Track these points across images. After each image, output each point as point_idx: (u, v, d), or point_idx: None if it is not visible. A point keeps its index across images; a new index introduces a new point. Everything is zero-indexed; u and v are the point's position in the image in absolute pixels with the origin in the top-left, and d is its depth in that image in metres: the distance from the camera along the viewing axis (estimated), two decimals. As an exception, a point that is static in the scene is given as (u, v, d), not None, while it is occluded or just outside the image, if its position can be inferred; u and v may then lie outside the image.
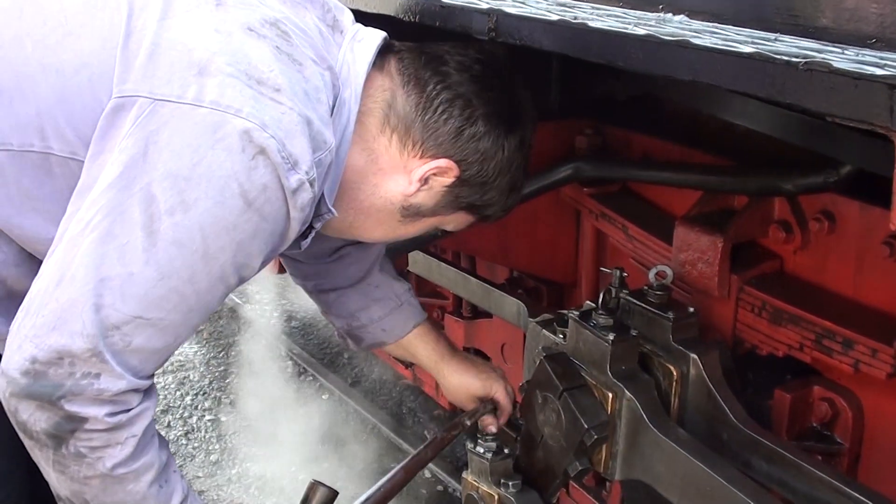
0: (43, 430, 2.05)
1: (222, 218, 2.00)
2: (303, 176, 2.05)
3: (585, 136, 3.27)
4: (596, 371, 2.55)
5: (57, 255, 2.02)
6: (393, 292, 3.00)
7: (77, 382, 2.00)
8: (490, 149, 2.35)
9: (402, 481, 2.99)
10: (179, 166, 1.96)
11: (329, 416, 5.82)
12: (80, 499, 2.18)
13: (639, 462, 2.52)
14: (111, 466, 2.10)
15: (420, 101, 2.30)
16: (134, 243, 1.97)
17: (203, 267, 2.03)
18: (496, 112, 2.33)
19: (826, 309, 2.57)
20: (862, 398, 2.65)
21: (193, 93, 1.99)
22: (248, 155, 1.98)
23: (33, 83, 2.10)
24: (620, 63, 1.87)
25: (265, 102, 2.01)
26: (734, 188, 2.75)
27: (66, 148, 2.10)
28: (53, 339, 1.97)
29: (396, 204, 2.39)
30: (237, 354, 6.54)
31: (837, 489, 2.23)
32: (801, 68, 1.50)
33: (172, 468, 2.28)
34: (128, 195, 1.97)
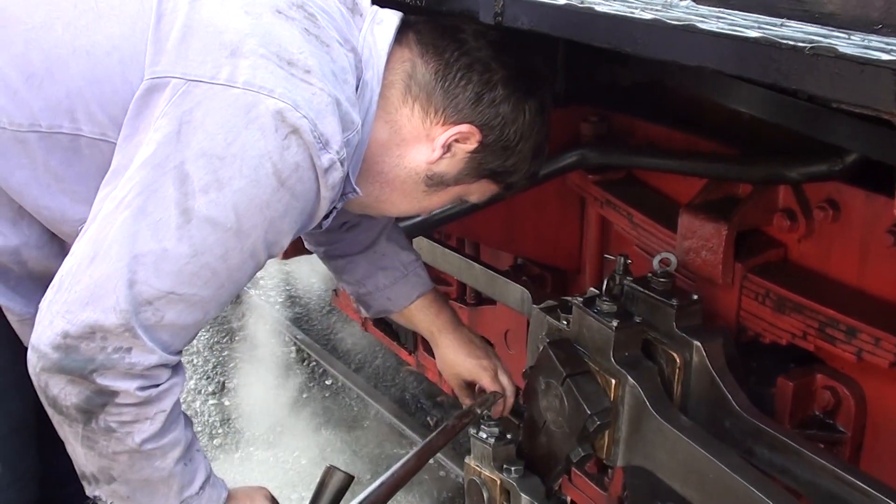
0: (74, 404, 2.08)
1: (255, 196, 2.04)
2: (334, 155, 2.09)
3: (590, 124, 3.26)
4: (599, 357, 2.56)
5: (91, 232, 2.05)
6: (399, 262, 3.02)
7: (109, 356, 2.03)
8: (510, 113, 2.37)
9: (415, 468, 3.02)
10: (213, 145, 2.00)
11: (332, 402, 5.83)
12: (107, 475, 2.22)
13: (641, 448, 2.52)
14: (140, 441, 2.14)
15: (439, 69, 2.32)
16: (168, 220, 2.01)
17: (235, 244, 2.07)
18: (515, 76, 2.35)
19: (830, 297, 2.57)
20: (864, 387, 2.65)
21: (226, 73, 2.02)
22: (280, 135, 2.01)
23: (64, 65, 2.13)
24: (627, 48, 1.86)
25: (296, 83, 2.04)
26: (739, 176, 2.74)
27: (97, 130, 2.13)
28: (86, 315, 2.00)
29: (421, 173, 2.41)
30: (241, 339, 6.56)
31: (839, 477, 2.23)
32: (807, 53, 1.50)
33: (196, 447, 2.32)
34: (161, 173, 2.00)
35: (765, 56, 1.59)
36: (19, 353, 2.32)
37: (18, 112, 2.13)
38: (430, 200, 2.52)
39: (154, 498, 2.27)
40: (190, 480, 2.29)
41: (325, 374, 6.14)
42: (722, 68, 1.68)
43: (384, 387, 6.04)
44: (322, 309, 7.01)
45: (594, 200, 3.33)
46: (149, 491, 2.25)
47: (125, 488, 2.24)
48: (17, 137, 2.15)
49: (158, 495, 2.27)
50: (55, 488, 2.78)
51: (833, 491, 2.25)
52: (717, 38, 1.67)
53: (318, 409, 5.71)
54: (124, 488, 2.24)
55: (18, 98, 2.13)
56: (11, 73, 2.13)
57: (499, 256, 4.03)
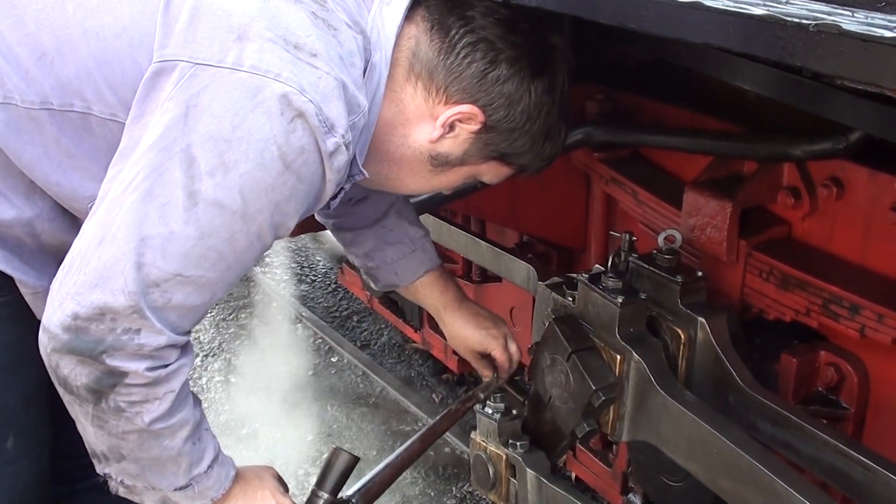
0: (84, 384, 2.10)
1: (261, 179, 2.04)
2: (339, 139, 2.09)
3: (596, 101, 3.27)
4: (604, 333, 2.57)
5: (99, 214, 2.06)
6: (407, 237, 3.03)
7: (118, 338, 2.05)
8: (515, 93, 2.33)
9: (420, 450, 3.06)
10: (220, 129, 2.00)
11: (338, 378, 5.85)
12: (117, 453, 2.24)
13: (646, 424, 2.54)
14: (149, 421, 2.16)
15: (443, 46, 2.30)
16: (175, 203, 2.02)
17: (242, 227, 2.08)
18: (522, 55, 2.32)
19: (833, 274, 2.58)
20: (868, 363, 2.67)
21: (233, 57, 2.03)
22: (286, 118, 2.02)
23: (74, 46, 2.14)
24: (633, 25, 1.87)
25: (303, 67, 2.05)
26: (744, 154, 2.75)
27: (106, 110, 2.15)
28: (95, 296, 2.02)
29: (425, 153, 2.41)
30: (247, 317, 6.57)
31: (842, 452, 2.25)
32: (812, 30, 1.51)
33: (205, 426, 2.34)
34: (168, 156, 2.01)
35: (770, 33, 1.60)
36: (32, 327, 2.34)
37: (30, 90, 2.15)
38: (438, 180, 2.51)
39: (163, 476, 2.29)
40: (199, 459, 2.31)
41: (331, 351, 6.16)
42: (727, 45, 1.69)
43: (390, 364, 6.05)
44: (328, 287, 7.02)
45: (600, 178, 3.34)
46: (158, 469, 2.28)
47: (134, 466, 2.27)
48: (30, 115, 2.17)
49: (167, 473, 2.29)
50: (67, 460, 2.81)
51: (836, 466, 2.27)
52: (722, 16, 1.67)
53: (324, 386, 5.72)
54: (133, 466, 2.27)
55: (30, 77, 2.15)
56: (23, 52, 2.15)
57: (504, 234, 4.05)
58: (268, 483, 2.56)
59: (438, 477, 4.94)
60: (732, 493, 2.28)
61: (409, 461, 3.05)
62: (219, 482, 2.38)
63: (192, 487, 2.33)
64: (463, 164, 2.46)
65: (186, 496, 2.34)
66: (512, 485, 2.86)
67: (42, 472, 2.67)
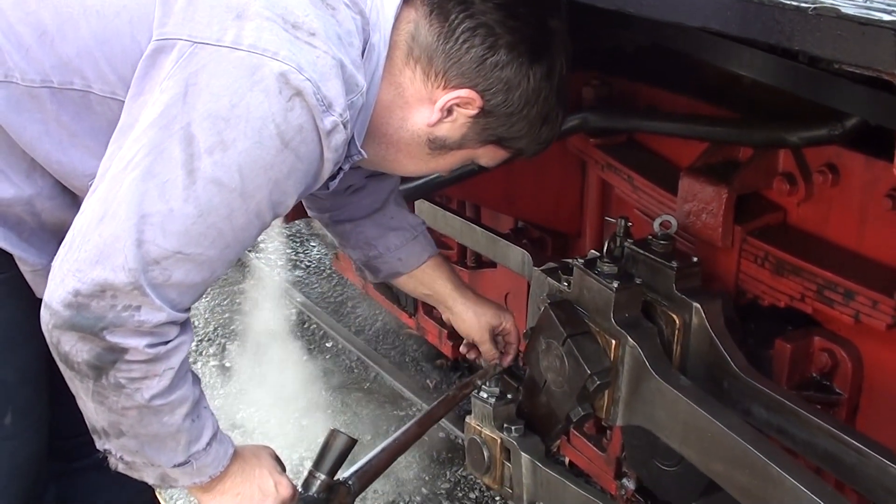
0: (85, 360, 2.12)
1: (260, 158, 2.05)
2: (337, 118, 2.10)
3: (592, 87, 3.28)
4: (599, 318, 2.58)
5: (99, 192, 2.07)
6: (408, 223, 3.04)
7: (118, 314, 2.06)
8: (514, 78, 2.33)
9: (416, 434, 3.07)
10: (218, 107, 2.01)
11: (332, 364, 5.86)
12: (116, 429, 2.25)
13: (640, 408, 2.55)
14: (149, 397, 2.17)
15: (442, 31, 2.29)
16: (174, 181, 2.03)
17: (241, 204, 2.09)
18: (521, 40, 2.31)
19: (828, 260, 2.59)
20: (862, 349, 2.68)
21: (232, 36, 2.03)
22: (284, 97, 2.03)
23: (74, 24, 2.15)
24: (631, 10, 1.88)
25: (301, 46, 2.05)
26: (739, 140, 2.76)
27: (107, 88, 2.16)
28: (96, 273, 2.03)
29: (423, 136, 2.40)
30: (242, 302, 6.57)
31: (835, 437, 2.26)
32: (810, 14, 1.51)
33: (203, 404, 2.35)
34: (168, 134, 2.02)
35: (768, 17, 1.60)
36: (31, 305, 2.36)
37: (31, 68, 2.16)
38: (436, 162, 2.51)
39: (162, 452, 2.31)
40: (197, 436, 2.32)
41: (326, 336, 6.16)
42: (725, 30, 1.70)
43: (384, 349, 6.06)
44: (322, 272, 7.02)
45: (595, 164, 3.35)
46: (157, 445, 2.29)
47: (134, 442, 2.28)
48: (31, 93, 2.17)
49: (166, 450, 2.30)
50: (66, 439, 2.82)
51: (829, 450, 2.29)
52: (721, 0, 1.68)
53: (319, 371, 5.72)
54: (133, 442, 2.28)
55: (31, 55, 2.16)
56: (24, 30, 2.16)
57: (499, 219, 4.05)
58: (265, 462, 2.58)
59: (433, 461, 4.95)
60: (726, 477, 2.29)
61: (405, 445, 3.06)
62: (217, 459, 2.39)
63: (191, 464, 2.34)
64: (461, 148, 2.46)
65: (185, 473, 2.36)
66: (506, 468, 2.87)
67: (40, 449, 2.68)
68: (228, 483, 2.47)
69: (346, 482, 2.82)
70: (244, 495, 2.51)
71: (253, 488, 2.52)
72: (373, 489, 4.67)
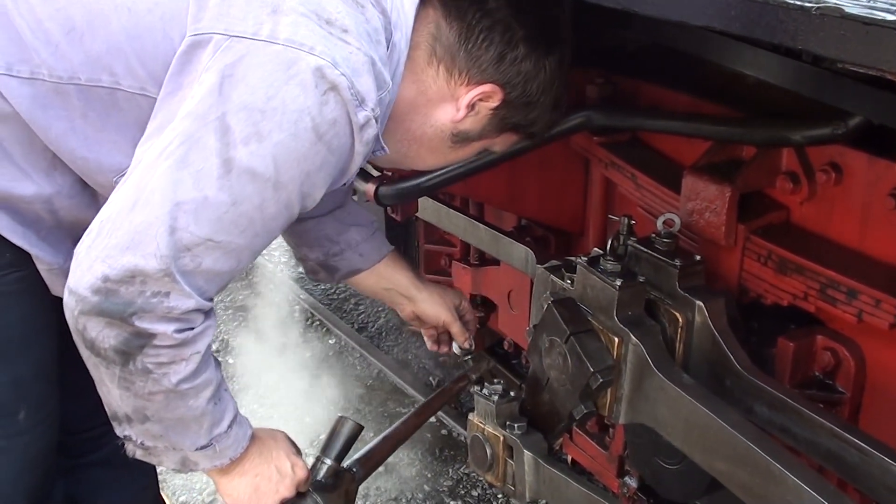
0: (112, 346, 2.15)
1: (294, 149, 2.10)
2: (369, 112, 2.16)
3: (596, 86, 3.27)
4: (603, 316, 2.58)
5: (132, 180, 2.11)
6: (366, 219, 3.15)
7: (148, 300, 2.10)
8: (532, 70, 2.44)
9: (415, 424, 3.13)
10: (255, 99, 2.06)
11: (335, 361, 5.87)
12: (141, 415, 2.30)
13: (643, 406, 2.55)
14: (176, 382, 2.22)
15: (462, 31, 2.38)
16: (209, 170, 2.07)
17: (273, 194, 2.13)
18: (535, 34, 2.42)
19: (831, 259, 2.59)
20: (864, 348, 2.67)
21: (268, 30, 2.09)
22: (320, 90, 2.08)
23: (105, 21, 2.19)
24: (636, 9, 1.88)
25: (335, 42, 2.11)
26: (743, 138, 2.75)
27: (136, 84, 2.20)
28: (127, 259, 2.06)
29: (446, 131, 2.51)
30: (245, 299, 6.58)
31: (838, 435, 2.26)
32: (814, 13, 1.52)
33: (224, 387, 2.41)
34: (204, 124, 2.06)
35: (772, 16, 1.61)
36: (46, 303, 2.39)
37: (58, 65, 2.20)
38: (455, 154, 2.62)
39: (185, 436, 2.36)
40: (219, 419, 2.38)
41: (329, 333, 6.17)
42: (729, 29, 1.70)
43: (387, 346, 6.07)
44: (325, 269, 7.03)
45: (599, 162, 3.35)
46: (181, 429, 2.34)
47: (158, 427, 2.32)
48: (57, 89, 2.21)
49: (190, 433, 2.35)
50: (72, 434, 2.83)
51: (831, 449, 2.28)
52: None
53: (322, 368, 5.73)
54: (157, 427, 2.32)
55: (59, 51, 2.19)
56: (53, 26, 2.19)
57: (503, 217, 4.05)
58: (282, 444, 2.65)
59: (435, 458, 4.96)
60: (729, 476, 2.29)
61: (405, 435, 3.13)
62: (237, 441, 2.45)
63: (213, 447, 2.40)
64: (480, 139, 2.58)
65: (206, 455, 2.41)
66: (509, 466, 2.87)
67: (51, 445, 2.71)
68: (247, 465, 2.53)
69: (350, 469, 2.89)
70: (262, 476, 2.57)
71: (270, 469, 2.59)
72: (375, 486, 4.69)
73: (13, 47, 2.19)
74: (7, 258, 2.39)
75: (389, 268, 3.20)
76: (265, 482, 2.58)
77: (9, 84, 2.19)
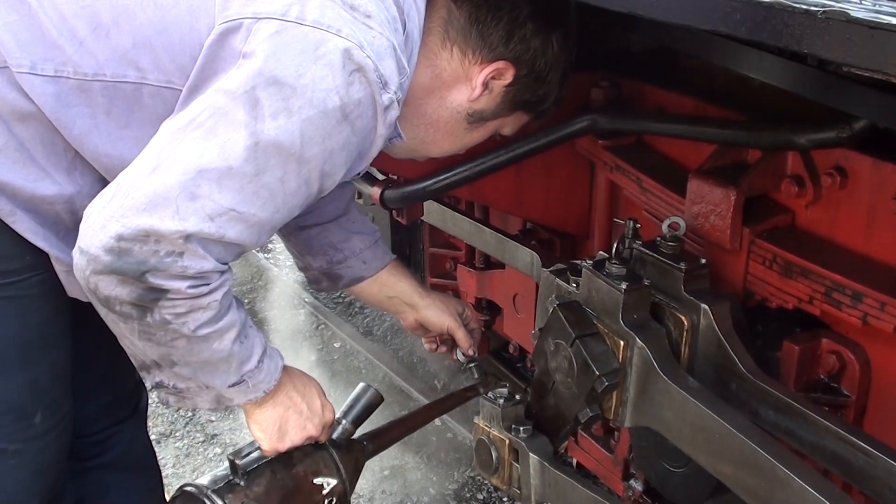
0: (127, 301, 2.17)
1: (321, 126, 2.15)
2: (392, 95, 2.23)
3: (601, 89, 3.28)
4: (608, 319, 2.59)
5: (154, 146, 2.15)
6: (369, 227, 3.17)
7: (161, 259, 2.11)
8: (541, 46, 2.54)
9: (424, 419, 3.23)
10: (285, 75, 2.11)
11: (341, 364, 5.87)
12: (168, 360, 2.33)
13: (648, 409, 2.55)
14: (195, 328, 2.24)
15: (472, 11, 2.48)
16: (236, 140, 2.10)
17: (294, 168, 2.17)
18: (541, 10, 2.51)
19: (836, 263, 2.59)
20: (869, 351, 2.67)
21: (296, 11, 2.14)
22: (347, 71, 2.14)
23: (130, 16, 2.22)
24: (641, 12, 1.89)
25: (359, 26, 2.17)
26: (748, 142, 2.76)
27: (163, 77, 2.23)
28: (142, 220, 2.08)
29: (462, 112, 2.59)
30: (250, 302, 6.58)
31: (843, 438, 2.26)
32: (820, 17, 1.52)
33: (249, 324, 2.43)
34: (233, 98, 2.11)
35: (778, 20, 1.61)
36: (64, 305, 2.40)
37: (84, 61, 2.22)
38: (470, 136, 2.70)
39: (215, 375, 2.39)
40: (248, 356, 2.41)
41: (334, 336, 6.17)
42: (735, 33, 1.71)
43: (392, 350, 6.07)
44: (330, 272, 7.03)
45: (604, 165, 3.35)
46: (209, 369, 2.37)
47: (187, 370, 2.36)
48: (81, 86, 2.23)
49: (219, 373, 2.39)
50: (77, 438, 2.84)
51: (837, 452, 2.29)
52: (730, 3, 1.69)
53: (327, 371, 5.73)
54: (186, 370, 2.36)
55: (84, 48, 2.22)
56: (78, 23, 2.22)
57: (508, 221, 4.06)
58: (315, 386, 2.73)
59: (440, 462, 4.96)
60: (734, 479, 2.29)
61: (414, 425, 3.23)
62: (269, 374, 2.49)
63: (246, 383, 2.44)
64: (494, 118, 2.66)
65: (240, 391, 2.45)
66: (515, 469, 2.87)
67: (64, 448, 2.72)
68: (281, 396, 2.59)
69: (361, 441, 2.96)
70: (294, 409, 2.63)
71: (303, 404, 2.65)
72: (381, 489, 4.69)
73: (38, 45, 2.20)
74: (27, 261, 2.41)
75: (392, 276, 3.21)
76: (295, 415, 2.64)
77: (33, 83, 2.21)
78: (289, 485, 2.71)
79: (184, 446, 5.17)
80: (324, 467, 2.78)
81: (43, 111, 2.23)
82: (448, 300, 3.36)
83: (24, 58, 2.20)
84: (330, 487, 2.78)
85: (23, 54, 2.20)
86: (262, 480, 2.67)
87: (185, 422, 5.34)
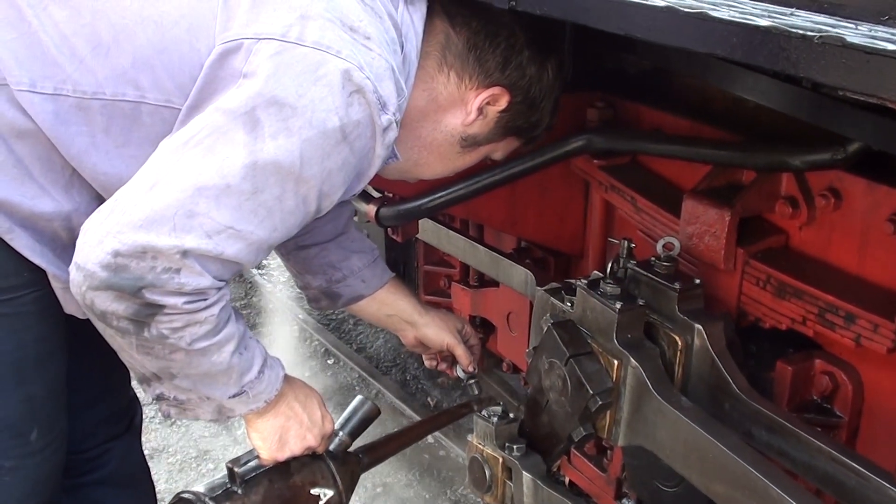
0: (123, 317, 2.16)
1: (321, 147, 2.15)
2: (391, 116, 2.24)
3: (597, 109, 3.29)
4: (602, 339, 2.59)
5: (152, 163, 2.15)
6: (368, 246, 3.19)
7: (158, 276, 2.11)
8: (536, 73, 2.56)
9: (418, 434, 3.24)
10: (285, 96, 2.11)
11: (334, 382, 5.86)
12: (167, 373, 2.33)
13: (642, 429, 2.56)
14: (191, 342, 2.23)
15: (470, 37, 2.49)
16: (235, 159, 2.11)
17: (293, 187, 2.18)
18: (537, 38, 2.52)
19: (829, 284, 2.60)
20: (862, 372, 2.68)
21: (296, 33, 2.14)
22: (346, 92, 2.14)
23: (130, 35, 2.22)
24: (638, 34, 1.90)
25: (359, 47, 2.18)
26: (742, 163, 2.77)
27: (161, 97, 2.23)
28: (140, 236, 2.07)
29: (456, 136, 2.60)
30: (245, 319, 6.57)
31: (836, 459, 2.26)
32: (816, 42, 1.54)
33: (248, 335, 2.43)
34: (233, 117, 2.11)
35: (774, 44, 1.62)
36: (60, 322, 2.40)
37: (83, 79, 2.22)
38: (462, 160, 2.71)
39: (215, 387, 2.39)
40: (248, 368, 2.41)
41: (327, 353, 6.17)
42: (732, 56, 1.72)
43: (385, 367, 6.07)
44: (324, 289, 7.03)
45: (599, 185, 3.36)
46: (209, 381, 2.37)
47: (187, 382, 2.36)
48: (80, 105, 2.24)
49: (218, 384, 2.38)
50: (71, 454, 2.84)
51: (829, 473, 2.29)
52: (727, 26, 1.70)
53: (320, 388, 5.69)
54: (186, 382, 2.36)
55: (84, 66, 2.22)
56: (79, 42, 2.22)
57: (503, 239, 4.07)
58: (316, 397, 2.73)
59: (434, 479, 4.96)
60: (727, 499, 2.29)
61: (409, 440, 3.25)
62: (270, 384, 2.49)
63: (246, 394, 2.44)
64: (486, 143, 2.68)
65: (241, 402, 2.45)
66: (508, 488, 2.88)
67: (59, 465, 2.72)
68: (283, 406, 2.59)
69: (357, 454, 2.97)
70: (294, 419, 2.63)
71: (303, 414, 2.65)
72: (373, 508, 4.69)
73: (37, 63, 2.21)
74: (25, 277, 2.41)
75: (391, 294, 3.22)
76: (296, 425, 2.64)
77: (32, 100, 2.21)
78: (286, 494, 2.71)
79: (177, 462, 5.16)
80: (321, 478, 2.79)
81: (41, 129, 2.23)
82: (447, 317, 3.37)
83: (24, 75, 2.20)
84: (326, 498, 2.79)
85: (22, 72, 2.20)
86: (259, 489, 2.68)
87: (179, 437, 5.33)
